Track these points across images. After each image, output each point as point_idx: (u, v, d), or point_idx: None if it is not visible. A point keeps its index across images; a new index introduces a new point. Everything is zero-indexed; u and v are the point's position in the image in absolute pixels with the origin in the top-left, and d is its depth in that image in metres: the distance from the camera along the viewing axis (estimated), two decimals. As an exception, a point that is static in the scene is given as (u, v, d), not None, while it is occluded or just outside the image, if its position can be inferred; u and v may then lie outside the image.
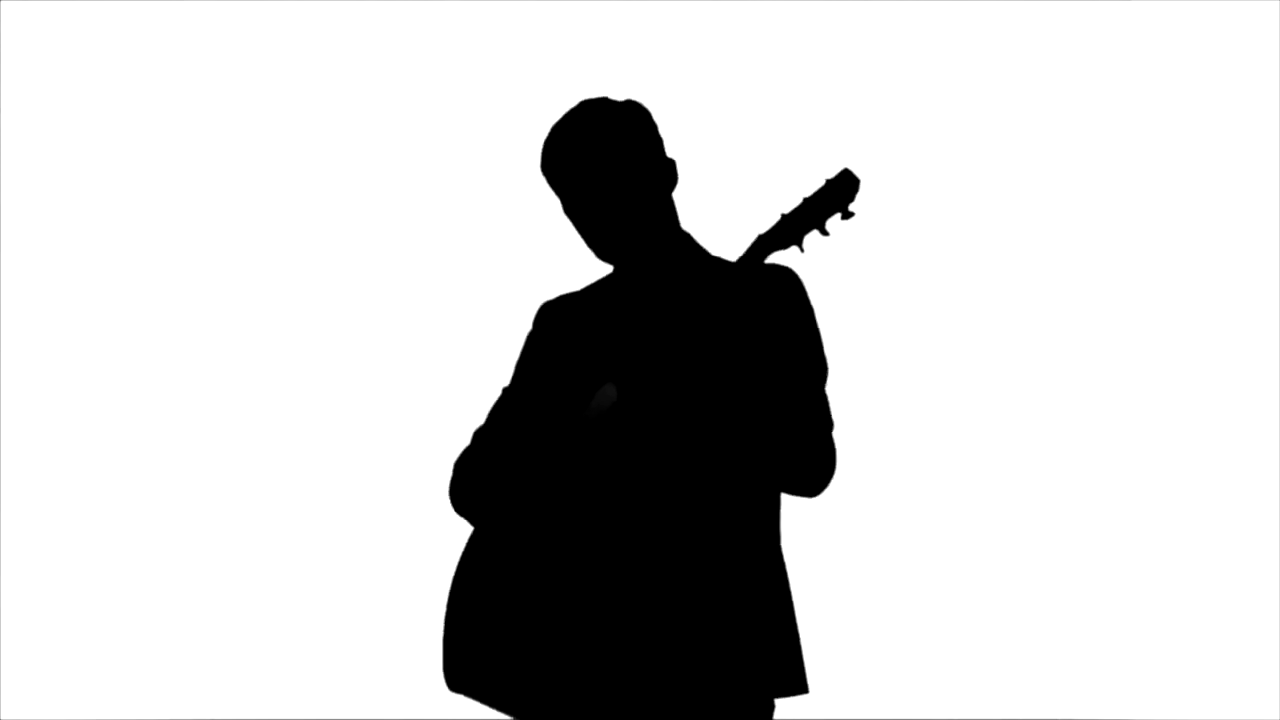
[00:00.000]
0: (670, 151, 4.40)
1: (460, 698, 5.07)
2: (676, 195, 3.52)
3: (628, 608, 2.84)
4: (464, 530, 5.03)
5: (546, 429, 3.00)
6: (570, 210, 3.03)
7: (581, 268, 4.85)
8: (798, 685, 2.93)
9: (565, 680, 2.83)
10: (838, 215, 3.14)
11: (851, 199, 3.01)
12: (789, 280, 3.04)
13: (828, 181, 3.02)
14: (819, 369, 2.99)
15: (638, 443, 2.91)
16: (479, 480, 3.01)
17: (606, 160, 2.97)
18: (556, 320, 3.09)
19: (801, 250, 3.02)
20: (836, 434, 3.04)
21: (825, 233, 3.02)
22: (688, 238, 3.06)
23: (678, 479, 2.89)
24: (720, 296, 2.95)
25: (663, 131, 3.12)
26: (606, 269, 3.21)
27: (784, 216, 3.01)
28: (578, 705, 2.83)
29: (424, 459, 5.11)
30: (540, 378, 3.06)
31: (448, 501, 3.14)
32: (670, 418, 2.90)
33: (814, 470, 2.96)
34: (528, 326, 3.52)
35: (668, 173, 3.04)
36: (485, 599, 2.89)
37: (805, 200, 3.01)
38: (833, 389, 4.82)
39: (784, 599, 2.96)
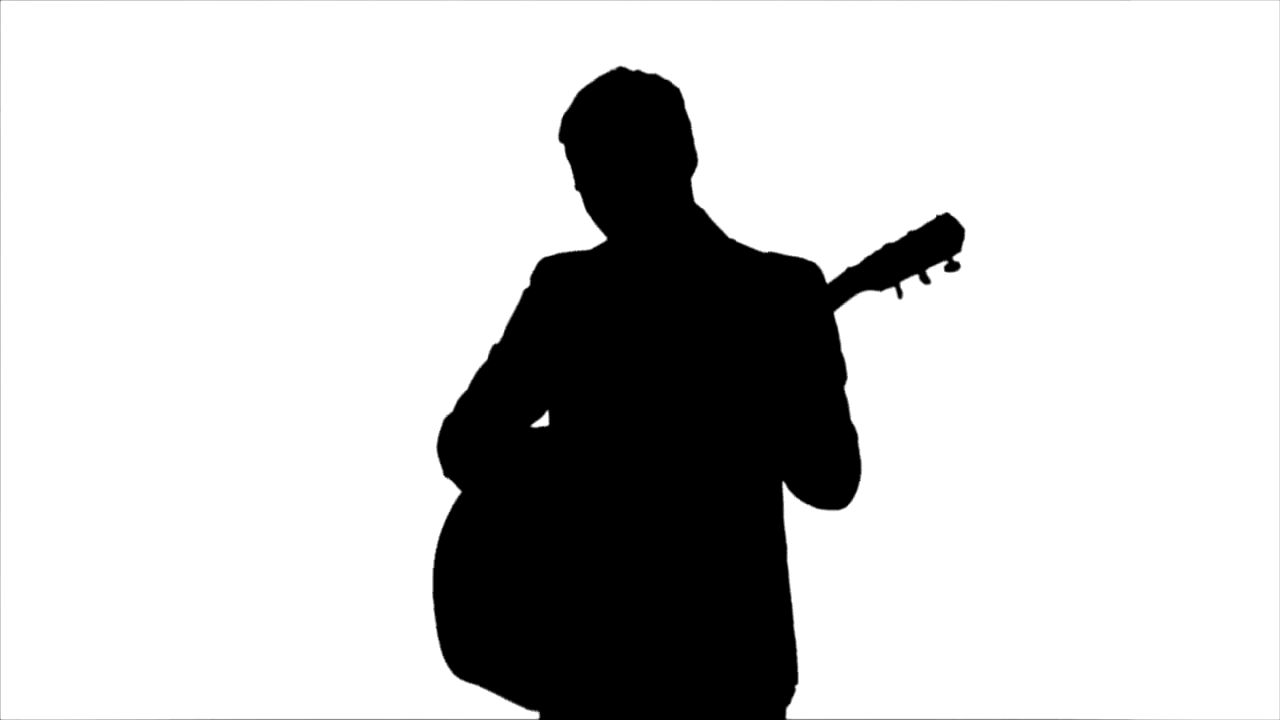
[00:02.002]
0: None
1: (458, 694, 5.06)
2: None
3: (637, 600, 2.83)
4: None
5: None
6: (585, 178, 2.96)
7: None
8: (790, 678, 2.93)
9: (573, 671, 2.82)
10: (942, 265, 2.99)
11: (958, 248, 2.89)
12: (811, 273, 2.97)
13: (928, 225, 2.88)
14: (839, 369, 2.93)
15: (649, 429, 2.88)
16: (471, 447, 2.96)
17: (634, 128, 2.91)
18: (557, 280, 2.99)
19: (900, 296, 2.91)
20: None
21: (926, 280, 2.91)
22: (701, 214, 2.99)
23: (688, 466, 2.86)
24: (739, 282, 2.92)
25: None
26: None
27: (876, 255, 2.90)
28: (586, 697, 2.83)
29: (409, 447, 5.11)
30: (535, 338, 2.98)
31: (431, 484, 3.08)
32: (685, 404, 2.88)
33: (836, 479, 2.91)
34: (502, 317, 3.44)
35: (689, 153, 2.98)
36: (485, 584, 2.88)
37: (901, 241, 2.89)
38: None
39: (784, 592, 2.96)
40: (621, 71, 2.98)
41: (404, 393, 5.13)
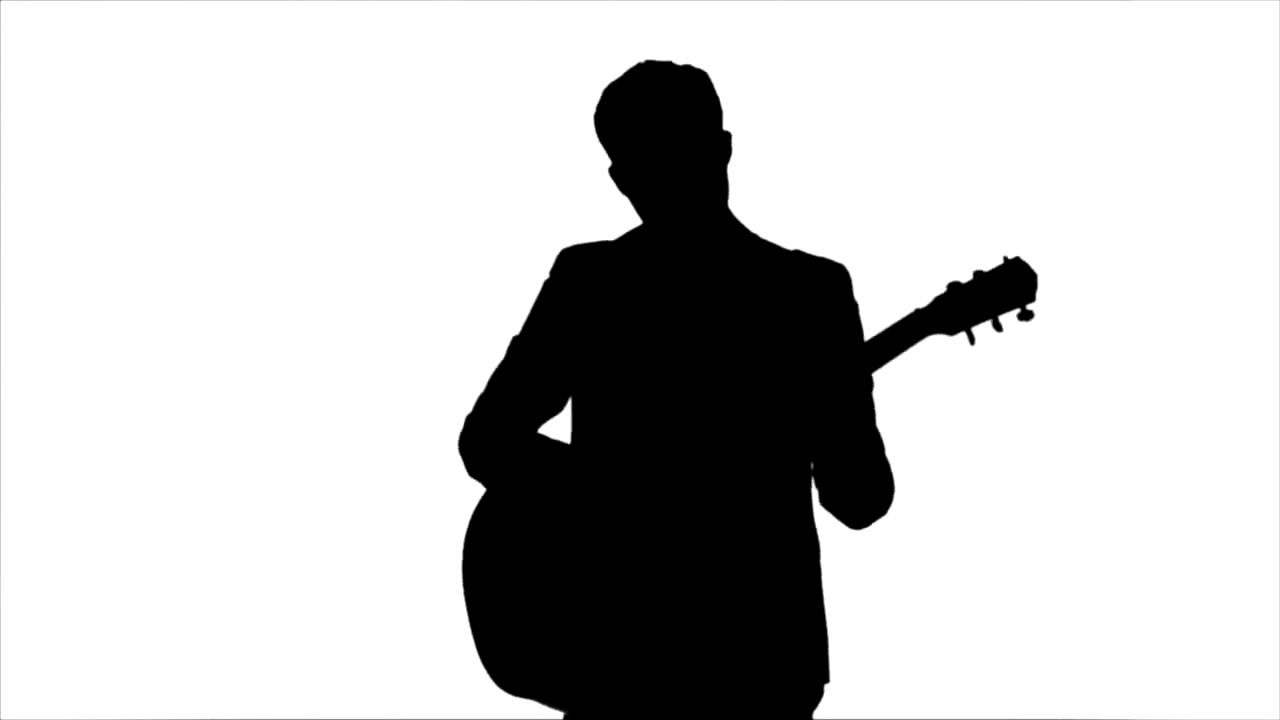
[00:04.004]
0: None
1: (470, 694, 5.06)
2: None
3: (665, 600, 2.81)
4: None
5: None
6: (629, 167, 2.91)
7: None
8: (821, 678, 2.92)
9: (603, 672, 2.81)
10: (1015, 313, 2.91)
11: (1031, 296, 2.78)
12: (840, 275, 2.95)
13: (999, 269, 2.79)
14: (866, 374, 2.88)
15: (675, 425, 2.86)
16: (495, 446, 2.92)
17: (680, 118, 2.87)
18: (581, 270, 2.95)
19: (972, 342, 2.82)
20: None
21: (999, 328, 2.81)
22: (731, 214, 2.97)
23: (715, 463, 2.83)
24: (767, 279, 2.89)
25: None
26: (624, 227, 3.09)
27: (944, 297, 2.78)
28: (617, 698, 2.81)
29: (428, 442, 5.10)
30: (558, 330, 2.94)
31: (449, 479, 3.04)
32: (711, 401, 2.86)
33: (865, 489, 2.89)
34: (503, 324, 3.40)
35: (726, 143, 2.94)
36: (516, 591, 2.84)
37: (971, 284, 2.78)
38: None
39: (816, 592, 2.94)
40: (655, 64, 2.94)
41: (422, 388, 5.12)
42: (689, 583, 2.82)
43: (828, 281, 2.93)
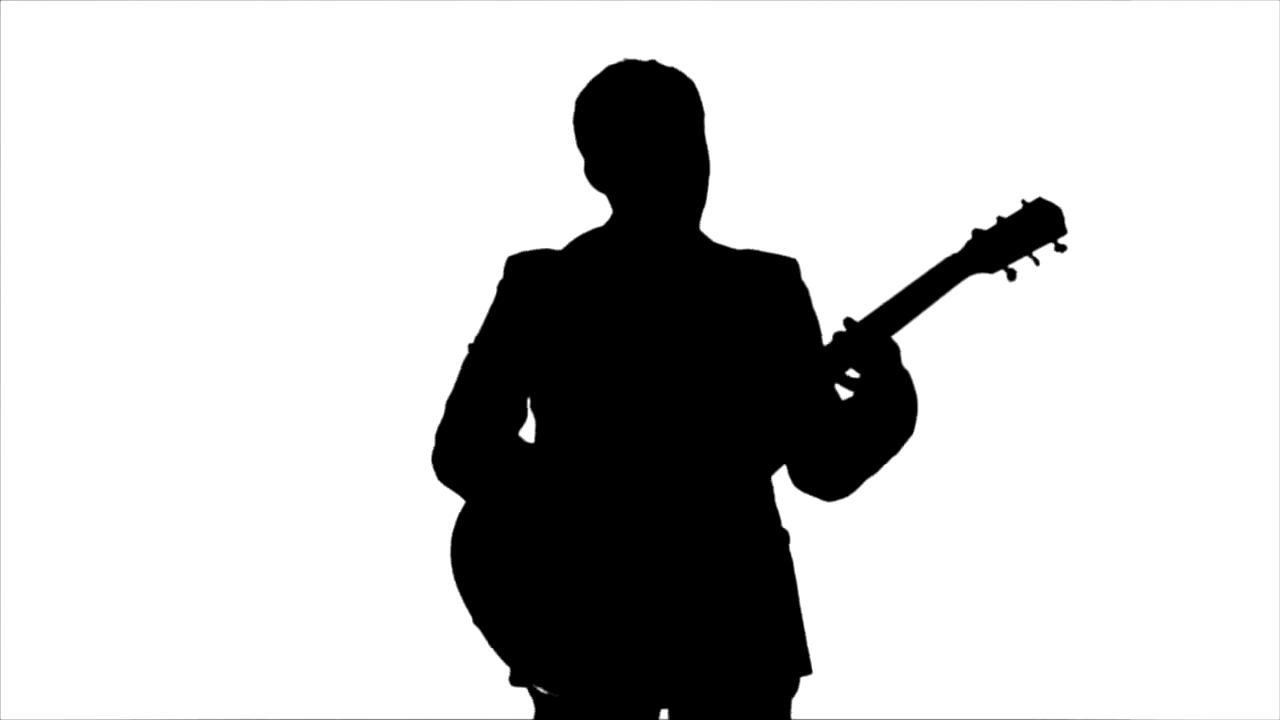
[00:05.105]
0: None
1: (459, 695, 5.06)
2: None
3: (635, 594, 2.83)
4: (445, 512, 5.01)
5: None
6: (612, 164, 2.92)
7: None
8: (800, 668, 2.94)
9: (584, 663, 2.82)
10: (1050, 246, 2.97)
11: (1062, 229, 2.88)
12: (790, 269, 3.01)
13: (1026, 206, 2.88)
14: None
15: (637, 424, 2.88)
16: (470, 455, 2.94)
17: (669, 117, 2.89)
18: (534, 275, 2.97)
19: (1011, 279, 2.90)
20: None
21: (1037, 261, 2.90)
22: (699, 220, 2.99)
23: (677, 459, 2.86)
24: (720, 278, 2.92)
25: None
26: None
27: (976, 241, 2.86)
28: (597, 688, 2.83)
29: (402, 445, 5.10)
30: (518, 334, 2.96)
31: (425, 476, 3.04)
32: (671, 398, 2.88)
33: (835, 462, 2.94)
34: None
35: (707, 152, 2.96)
36: (508, 592, 2.87)
37: (999, 227, 2.86)
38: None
39: (788, 582, 2.96)
40: (636, 61, 2.96)
41: (395, 391, 5.12)
42: (656, 578, 2.84)
43: (778, 274, 2.98)
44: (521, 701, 4.64)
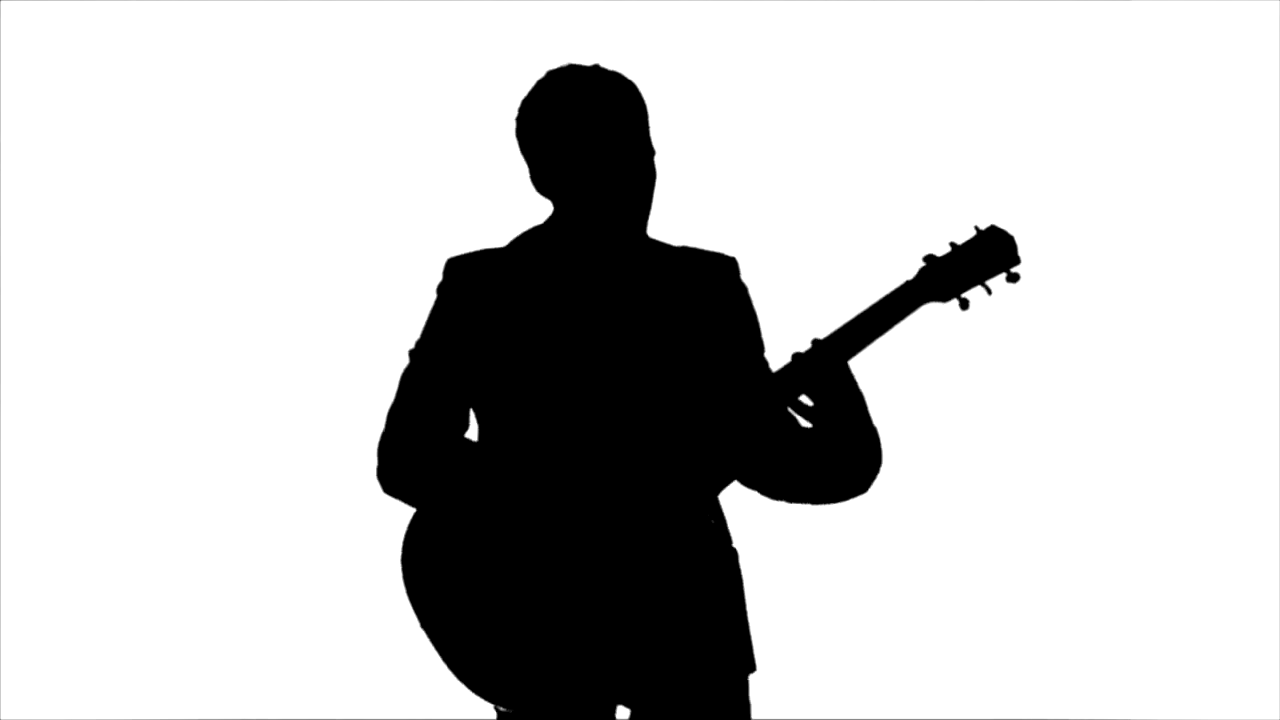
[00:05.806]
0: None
1: (456, 698, 5.07)
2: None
3: (575, 593, 2.84)
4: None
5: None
6: (558, 167, 2.91)
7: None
8: (747, 664, 2.95)
9: (535, 668, 2.82)
10: (1002, 276, 2.95)
11: (1014, 259, 2.86)
12: (729, 267, 3.01)
13: (978, 237, 2.86)
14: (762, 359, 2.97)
15: (579, 426, 2.88)
16: (416, 465, 2.92)
17: (614, 120, 2.89)
18: (475, 278, 2.95)
19: (964, 308, 2.88)
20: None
21: (989, 291, 2.88)
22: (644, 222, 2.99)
23: (621, 459, 2.86)
24: (659, 277, 2.93)
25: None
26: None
27: (929, 269, 2.84)
28: (549, 693, 2.83)
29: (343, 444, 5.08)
30: (459, 337, 2.94)
31: (372, 486, 3.01)
32: (611, 399, 2.88)
33: (790, 466, 2.94)
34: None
35: (652, 156, 2.97)
36: (459, 601, 2.86)
37: (952, 255, 2.84)
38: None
39: (734, 578, 2.96)
40: (579, 66, 2.96)
41: (332, 398, 5.10)
42: (597, 578, 2.84)
43: (717, 273, 2.97)
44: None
